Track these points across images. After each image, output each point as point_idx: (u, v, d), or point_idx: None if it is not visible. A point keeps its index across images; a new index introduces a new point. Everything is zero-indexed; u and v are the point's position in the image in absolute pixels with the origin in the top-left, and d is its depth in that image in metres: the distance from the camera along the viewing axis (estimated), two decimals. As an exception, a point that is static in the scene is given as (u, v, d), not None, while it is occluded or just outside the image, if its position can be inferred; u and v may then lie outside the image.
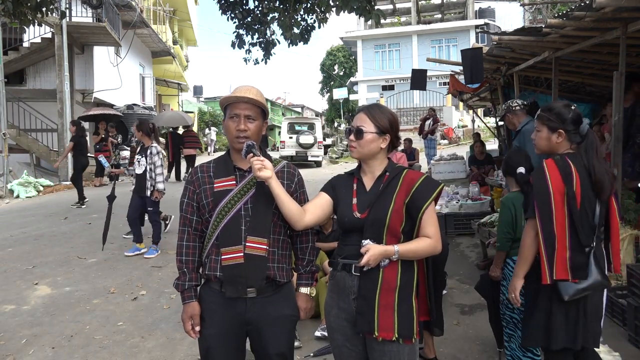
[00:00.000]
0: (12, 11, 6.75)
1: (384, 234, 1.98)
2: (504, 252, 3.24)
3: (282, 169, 2.22)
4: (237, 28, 8.82)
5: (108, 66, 16.40)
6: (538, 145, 2.51)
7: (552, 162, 2.36)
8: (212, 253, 2.13)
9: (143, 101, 20.88)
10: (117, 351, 3.81)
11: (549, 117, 2.43)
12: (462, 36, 28.88)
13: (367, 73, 30.73)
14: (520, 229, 3.19)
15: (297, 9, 8.04)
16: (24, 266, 5.96)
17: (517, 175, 3.30)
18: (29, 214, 9.41)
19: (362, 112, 2.11)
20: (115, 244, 6.91)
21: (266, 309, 2.13)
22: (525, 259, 2.43)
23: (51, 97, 13.98)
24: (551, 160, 2.37)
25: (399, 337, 1.95)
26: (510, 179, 3.37)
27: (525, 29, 5.69)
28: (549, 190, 2.30)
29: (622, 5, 3.86)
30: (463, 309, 4.50)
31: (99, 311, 4.60)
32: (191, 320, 2.15)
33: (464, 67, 7.18)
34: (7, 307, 4.71)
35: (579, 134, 2.40)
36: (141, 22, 17.62)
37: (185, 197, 2.21)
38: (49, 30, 13.81)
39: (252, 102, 2.11)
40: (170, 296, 4.91)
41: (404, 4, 32.77)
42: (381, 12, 7.39)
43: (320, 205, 2.14)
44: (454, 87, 9.63)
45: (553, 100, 6.21)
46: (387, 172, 2.08)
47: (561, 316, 2.34)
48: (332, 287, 2.13)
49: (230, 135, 2.13)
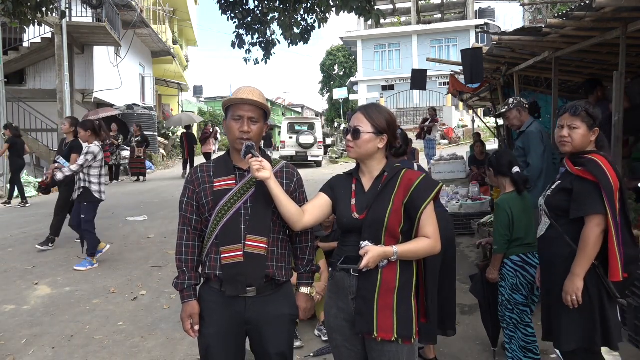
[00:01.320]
0: (12, 11, 6.76)
1: (383, 234, 1.98)
2: (502, 254, 3.24)
3: (282, 169, 2.23)
4: (237, 28, 8.83)
5: (108, 66, 16.40)
6: (575, 143, 2.46)
7: (603, 158, 2.37)
8: (212, 252, 2.13)
9: (143, 101, 20.89)
10: (117, 351, 3.81)
11: (589, 115, 2.44)
12: (462, 36, 28.89)
13: (367, 73, 30.74)
14: (518, 229, 3.18)
15: (297, 9, 8.05)
16: (24, 266, 5.97)
17: (514, 175, 3.28)
18: (29, 214, 9.42)
19: (359, 112, 2.12)
20: (115, 244, 6.91)
21: (266, 308, 2.13)
22: (590, 258, 2.33)
23: (51, 97, 13.99)
24: (601, 156, 2.39)
25: (398, 337, 1.95)
26: (504, 179, 3.33)
27: (525, 29, 5.69)
28: (612, 185, 2.30)
29: (622, 5, 3.85)
30: (463, 309, 4.50)
31: (99, 311, 4.60)
32: (190, 319, 2.15)
33: (464, 67, 7.18)
34: (7, 307, 4.71)
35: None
36: (141, 22, 17.63)
37: (185, 196, 2.21)
38: (49, 30, 13.82)
39: (256, 105, 2.12)
40: (170, 296, 4.92)
41: (404, 4, 32.78)
42: (381, 12, 7.40)
43: (319, 206, 2.14)
44: (454, 87, 9.63)
45: (553, 100, 6.21)
46: (385, 172, 2.08)
47: (614, 314, 2.35)
48: (332, 287, 2.13)
49: (232, 136, 2.14)
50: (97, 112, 14.90)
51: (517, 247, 3.20)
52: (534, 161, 4.27)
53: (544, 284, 2.64)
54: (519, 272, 3.17)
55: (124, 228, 7.94)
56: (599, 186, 2.31)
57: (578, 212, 2.37)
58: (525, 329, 3.17)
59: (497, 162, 3.35)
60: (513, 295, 3.19)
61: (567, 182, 2.45)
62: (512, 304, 3.21)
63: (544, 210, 2.57)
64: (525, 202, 3.30)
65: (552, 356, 3.50)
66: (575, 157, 2.46)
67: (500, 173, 3.34)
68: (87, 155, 5.72)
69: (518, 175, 3.29)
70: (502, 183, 3.36)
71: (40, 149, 14.17)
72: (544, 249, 2.60)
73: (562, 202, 2.45)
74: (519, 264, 3.18)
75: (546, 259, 2.57)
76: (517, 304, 3.18)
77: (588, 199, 2.34)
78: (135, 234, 7.59)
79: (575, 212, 2.38)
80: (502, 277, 3.26)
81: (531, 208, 3.31)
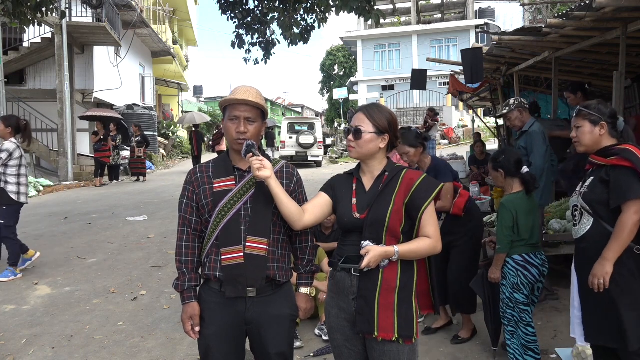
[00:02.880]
0: (12, 11, 6.75)
1: (384, 234, 1.97)
2: (504, 254, 3.23)
3: (281, 169, 2.22)
4: (237, 28, 8.83)
5: (108, 66, 16.40)
6: (582, 141, 2.50)
7: (634, 147, 2.37)
8: (212, 253, 2.13)
9: (143, 101, 20.89)
10: (117, 351, 3.80)
11: (589, 112, 2.47)
12: (462, 36, 28.90)
13: (367, 73, 30.74)
14: (523, 231, 3.18)
15: (297, 9, 8.04)
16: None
17: (525, 175, 3.27)
18: (29, 214, 9.41)
19: (360, 112, 2.11)
20: (115, 244, 6.91)
21: (266, 309, 2.13)
22: (623, 245, 2.30)
23: (51, 97, 13.98)
24: (632, 145, 2.38)
25: (399, 337, 1.95)
26: (512, 180, 3.32)
27: (525, 29, 5.69)
28: None
29: (622, 5, 3.85)
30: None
31: (99, 311, 4.60)
32: (191, 320, 2.15)
33: (464, 67, 7.18)
34: (7, 307, 4.71)
35: (615, 130, 2.47)
36: (141, 22, 17.63)
37: (185, 197, 2.21)
38: (49, 30, 13.82)
39: (252, 105, 2.11)
40: (170, 296, 4.91)
41: (404, 4, 32.79)
42: (381, 12, 7.39)
43: (320, 205, 2.14)
44: (454, 87, 9.63)
45: (553, 100, 6.22)
46: (386, 172, 2.08)
47: None
48: (332, 287, 2.13)
49: (230, 136, 2.13)
50: (99, 111, 14.93)
51: (520, 246, 3.20)
52: (536, 161, 4.27)
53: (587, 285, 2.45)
54: (520, 271, 3.17)
55: (124, 228, 7.93)
56: (636, 171, 2.29)
57: (618, 200, 2.32)
58: (525, 329, 3.17)
59: (508, 162, 3.31)
60: (514, 294, 3.19)
61: (603, 174, 2.41)
62: (513, 303, 3.21)
63: (583, 209, 2.48)
64: (532, 202, 3.30)
65: (552, 356, 3.51)
66: (605, 152, 2.44)
67: (509, 174, 3.32)
68: (1, 153, 5.21)
69: (529, 175, 3.28)
70: (509, 183, 3.33)
71: (41, 149, 14.16)
72: (587, 249, 2.47)
73: (602, 195, 2.40)
74: (521, 264, 3.18)
75: (593, 258, 2.42)
76: (518, 303, 3.18)
77: (626, 185, 2.30)
78: (135, 234, 7.59)
79: (615, 200, 2.34)
80: (503, 276, 3.26)
81: (537, 209, 3.31)
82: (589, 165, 2.57)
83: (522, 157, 3.45)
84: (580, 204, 2.50)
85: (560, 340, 3.71)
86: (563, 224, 4.45)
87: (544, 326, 3.96)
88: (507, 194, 3.37)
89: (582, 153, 2.59)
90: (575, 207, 2.55)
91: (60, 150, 13.80)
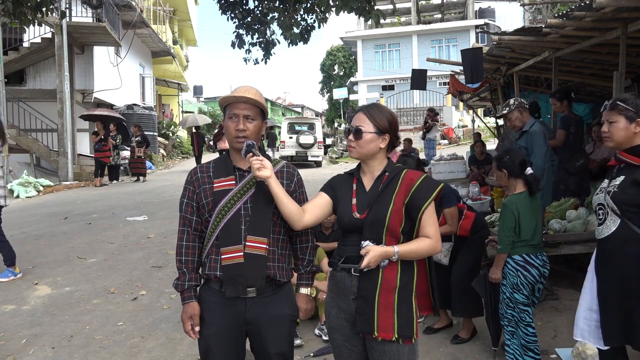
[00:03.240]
0: (12, 11, 6.74)
1: (384, 234, 1.98)
2: (505, 255, 3.23)
3: (282, 169, 2.22)
4: (237, 28, 8.83)
5: (108, 66, 16.40)
6: (614, 137, 2.37)
7: None
8: (212, 253, 2.13)
9: (143, 101, 20.89)
10: (117, 351, 3.80)
11: (627, 107, 2.33)
12: (462, 36, 28.89)
13: (367, 73, 30.73)
14: (525, 231, 3.18)
15: (297, 9, 8.05)
16: (24, 266, 5.95)
17: (529, 177, 3.27)
18: (29, 214, 9.42)
19: (360, 112, 2.11)
20: (114, 244, 6.91)
21: (266, 309, 2.13)
22: None
23: (51, 97, 13.98)
24: None
25: (398, 337, 1.95)
26: (515, 181, 3.31)
27: (525, 29, 5.69)
28: None
29: (622, 5, 3.86)
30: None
31: (99, 311, 4.60)
32: (191, 320, 2.15)
33: (464, 67, 7.19)
34: (7, 307, 4.71)
35: None
36: (141, 22, 17.62)
37: (185, 197, 2.21)
38: (49, 30, 13.81)
39: (251, 102, 2.11)
40: (170, 296, 4.91)
41: (404, 4, 32.77)
42: (381, 12, 7.39)
43: (320, 205, 2.14)
44: (454, 87, 9.64)
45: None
46: (386, 172, 2.08)
47: None
48: (332, 287, 2.13)
49: (229, 135, 2.13)
50: (101, 110, 14.92)
51: (521, 247, 3.20)
52: (537, 161, 4.28)
53: (615, 287, 2.38)
54: (520, 271, 3.17)
55: (124, 228, 7.93)
56: None
57: None
58: (526, 329, 3.17)
59: (513, 163, 3.29)
60: (514, 294, 3.19)
61: (638, 175, 2.29)
62: (513, 303, 3.21)
63: (610, 208, 2.38)
64: (535, 203, 3.30)
65: (552, 356, 3.51)
66: (637, 150, 2.34)
67: (513, 174, 3.31)
68: None
69: (533, 176, 3.27)
70: (512, 184, 3.33)
71: (41, 149, 14.17)
72: (613, 250, 2.38)
73: (634, 197, 2.29)
74: (521, 264, 3.18)
75: (617, 260, 2.35)
76: (518, 303, 3.18)
77: None
78: (135, 234, 7.59)
79: None
80: (504, 276, 3.26)
81: (540, 209, 3.31)
82: (616, 161, 2.44)
83: (525, 158, 3.45)
84: (608, 204, 2.38)
85: (560, 340, 3.71)
86: (563, 224, 4.45)
87: (544, 326, 3.96)
88: (509, 194, 3.37)
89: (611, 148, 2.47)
90: (601, 206, 2.43)
91: (60, 150, 13.80)
